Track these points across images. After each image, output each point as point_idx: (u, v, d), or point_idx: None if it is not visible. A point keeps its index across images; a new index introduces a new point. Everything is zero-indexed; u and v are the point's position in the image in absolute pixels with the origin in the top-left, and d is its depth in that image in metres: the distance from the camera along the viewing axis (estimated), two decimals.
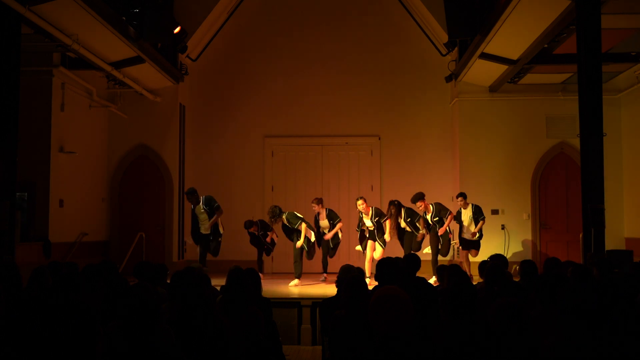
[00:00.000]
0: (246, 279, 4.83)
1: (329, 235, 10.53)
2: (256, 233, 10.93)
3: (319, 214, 10.63)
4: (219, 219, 10.64)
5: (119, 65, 10.66)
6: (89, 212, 11.80)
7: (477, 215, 10.61)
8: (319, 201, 10.60)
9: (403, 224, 10.46)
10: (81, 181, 11.54)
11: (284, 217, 10.42)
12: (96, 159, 12.27)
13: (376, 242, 10.37)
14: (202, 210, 10.57)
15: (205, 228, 10.58)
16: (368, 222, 10.40)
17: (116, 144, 12.70)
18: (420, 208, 10.38)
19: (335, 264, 11.20)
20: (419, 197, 10.39)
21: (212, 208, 10.55)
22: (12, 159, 7.71)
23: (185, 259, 12.61)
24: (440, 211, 10.42)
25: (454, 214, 10.67)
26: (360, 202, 10.39)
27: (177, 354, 3.42)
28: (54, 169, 10.45)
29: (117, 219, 12.68)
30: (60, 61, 10.34)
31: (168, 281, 5.68)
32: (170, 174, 12.66)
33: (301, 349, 8.24)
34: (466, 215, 10.69)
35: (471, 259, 10.91)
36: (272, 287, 9.97)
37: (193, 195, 10.57)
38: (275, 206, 10.56)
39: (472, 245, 10.72)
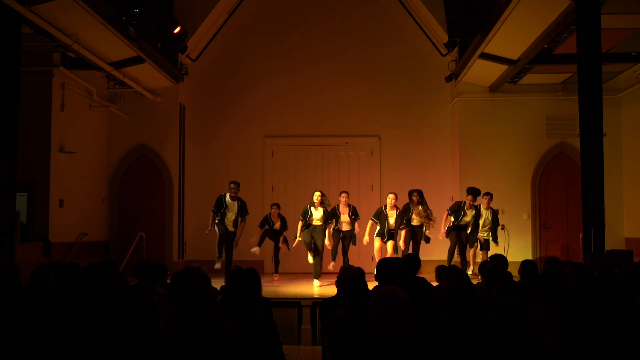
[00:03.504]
0: (246, 279, 4.84)
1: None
2: (273, 219, 10.96)
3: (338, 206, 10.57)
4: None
5: (119, 65, 10.66)
6: (89, 212, 11.80)
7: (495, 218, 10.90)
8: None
9: (418, 215, 10.44)
10: (81, 181, 11.54)
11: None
12: (96, 159, 12.27)
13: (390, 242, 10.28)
14: (236, 209, 10.35)
15: (231, 226, 10.37)
16: (392, 220, 10.29)
17: (116, 144, 12.70)
18: (470, 202, 10.52)
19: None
20: (477, 192, 10.59)
21: (244, 212, 10.45)
22: (12, 159, 7.71)
23: (185, 259, 12.62)
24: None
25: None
26: (392, 196, 10.32)
27: (177, 353, 3.42)
28: (54, 169, 10.45)
29: (117, 219, 12.68)
30: (60, 61, 10.34)
31: (168, 281, 5.70)
32: (170, 174, 12.66)
33: (301, 349, 8.24)
34: (485, 214, 10.78)
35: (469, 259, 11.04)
36: (272, 287, 9.98)
37: (238, 187, 10.46)
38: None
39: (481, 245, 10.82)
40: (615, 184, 11.89)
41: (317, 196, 10.34)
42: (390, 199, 10.31)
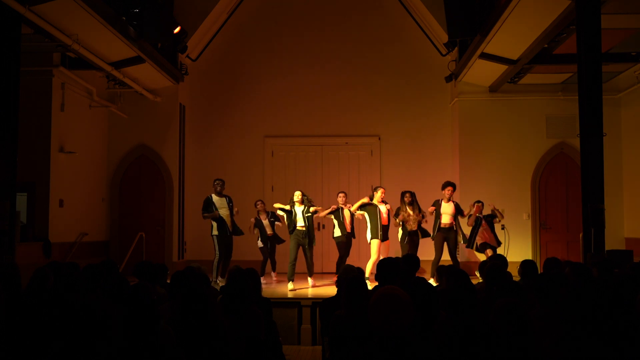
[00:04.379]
0: (246, 279, 4.84)
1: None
2: (261, 216, 10.91)
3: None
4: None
5: (119, 65, 10.66)
6: (89, 212, 11.80)
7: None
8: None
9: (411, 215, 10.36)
10: (81, 181, 11.54)
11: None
12: (96, 159, 12.27)
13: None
14: (226, 204, 10.32)
15: (230, 226, 10.29)
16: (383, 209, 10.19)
17: (116, 144, 12.70)
18: (447, 194, 10.34)
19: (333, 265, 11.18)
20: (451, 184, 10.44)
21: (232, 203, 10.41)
22: (12, 159, 7.71)
23: (185, 259, 12.62)
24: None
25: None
26: (381, 189, 10.23)
27: (177, 353, 3.42)
28: (54, 169, 10.45)
29: (117, 219, 12.68)
30: (60, 61, 10.34)
31: (168, 281, 5.70)
32: (170, 174, 12.66)
33: (301, 349, 8.24)
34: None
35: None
36: (272, 287, 9.97)
37: (224, 184, 10.38)
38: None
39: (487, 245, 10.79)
40: (615, 184, 11.88)
41: (297, 195, 10.13)
42: (380, 192, 10.18)
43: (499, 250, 10.82)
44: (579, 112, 7.89)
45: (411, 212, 10.18)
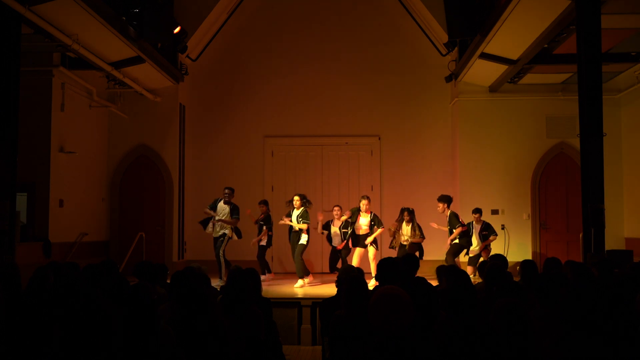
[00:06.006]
0: (246, 279, 4.84)
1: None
2: (260, 216, 11.04)
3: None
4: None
5: (119, 65, 10.66)
6: (89, 212, 11.80)
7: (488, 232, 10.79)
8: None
9: (406, 233, 10.39)
10: (81, 181, 11.54)
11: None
12: (96, 159, 12.27)
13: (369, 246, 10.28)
14: (227, 212, 10.59)
15: (217, 231, 10.57)
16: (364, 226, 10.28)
17: (116, 144, 12.70)
18: (439, 209, 10.53)
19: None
20: (446, 199, 10.50)
21: (233, 214, 10.58)
22: (12, 159, 7.71)
23: (185, 259, 12.62)
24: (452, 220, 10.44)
25: (465, 228, 10.53)
26: (365, 201, 10.31)
27: (177, 353, 3.42)
28: (54, 169, 10.45)
29: (117, 219, 12.68)
30: (60, 61, 10.34)
31: (168, 281, 5.70)
32: (170, 174, 12.66)
33: (301, 349, 8.24)
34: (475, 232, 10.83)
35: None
36: (272, 287, 9.97)
37: (232, 193, 10.71)
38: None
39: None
40: (615, 184, 11.89)
41: (296, 200, 10.37)
42: (363, 204, 10.27)
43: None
44: (579, 112, 7.89)
45: (405, 233, 10.33)
